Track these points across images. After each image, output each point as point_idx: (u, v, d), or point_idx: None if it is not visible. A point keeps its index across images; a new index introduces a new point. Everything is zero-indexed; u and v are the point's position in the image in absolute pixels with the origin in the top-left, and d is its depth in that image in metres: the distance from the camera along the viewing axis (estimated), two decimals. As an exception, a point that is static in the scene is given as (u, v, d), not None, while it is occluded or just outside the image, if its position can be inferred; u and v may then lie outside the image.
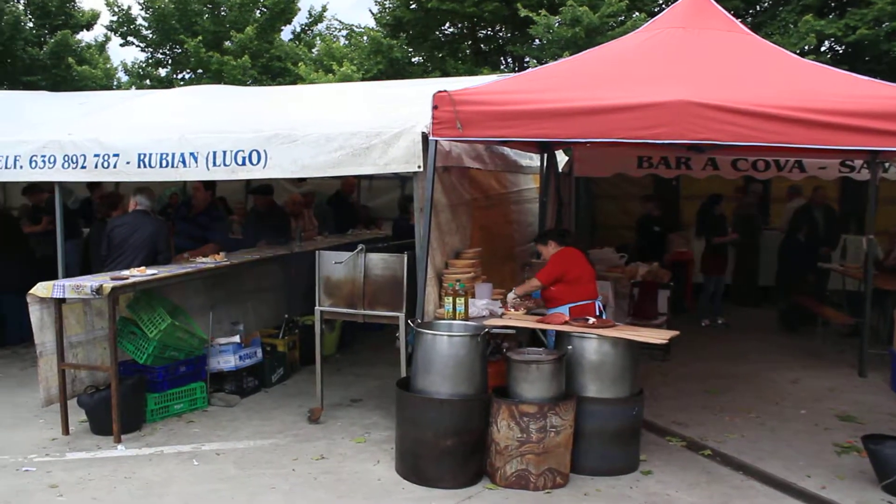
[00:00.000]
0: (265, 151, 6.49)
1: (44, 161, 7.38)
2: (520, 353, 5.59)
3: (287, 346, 8.05)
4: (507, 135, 5.79)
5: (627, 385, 5.67)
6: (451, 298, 6.13)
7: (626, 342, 5.62)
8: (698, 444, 6.22)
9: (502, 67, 19.78)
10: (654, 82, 5.48)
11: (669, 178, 10.61)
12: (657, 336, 5.85)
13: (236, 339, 7.34)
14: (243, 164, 6.56)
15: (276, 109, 7.94)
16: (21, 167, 7.45)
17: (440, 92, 5.69)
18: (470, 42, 20.48)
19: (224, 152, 6.61)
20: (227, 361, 7.23)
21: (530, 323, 6.11)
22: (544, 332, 6.04)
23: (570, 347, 5.62)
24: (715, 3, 6.54)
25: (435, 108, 5.70)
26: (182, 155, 6.75)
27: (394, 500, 5.21)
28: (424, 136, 5.97)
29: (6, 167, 7.52)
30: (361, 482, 5.48)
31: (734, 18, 6.61)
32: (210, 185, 8.65)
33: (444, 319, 6.06)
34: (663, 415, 6.83)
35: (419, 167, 6.04)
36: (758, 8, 17.99)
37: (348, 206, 11.92)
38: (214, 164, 6.64)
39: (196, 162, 6.71)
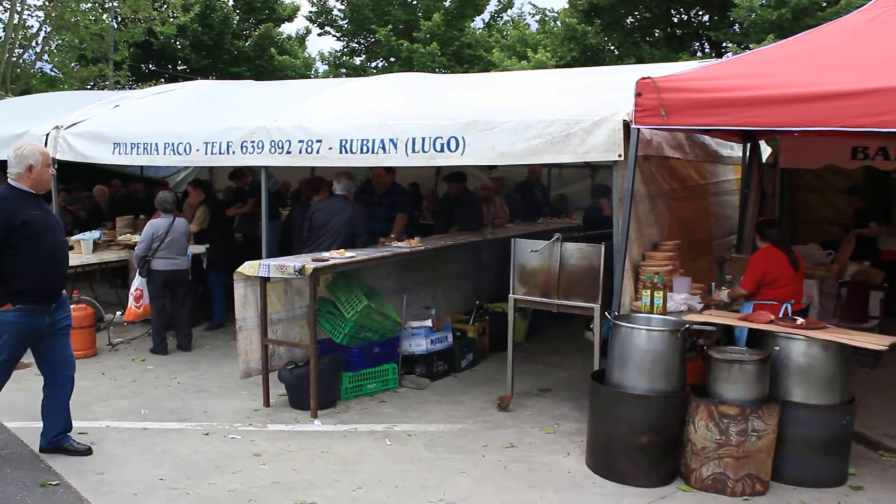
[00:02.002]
0: (463, 138, 6.52)
1: (252, 146, 7.75)
2: (721, 351, 5.34)
3: (477, 331, 8.09)
4: (713, 123, 5.51)
5: (837, 392, 5.28)
6: (648, 291, 5.94)
7: (837, 346, 5.24)
8: (917, 461, 5.74)
9: (698, 54, 19.09)
10: (881, 65, 5.05)
11: (887, 170, 9.80)
12: (874, 341, 5.40)
13: (428, 322, 7.45)
14: (442, 150, 6.62)
15: (472, 96, 7.97)
16: (233, 153, 7.87)
17: (644, 79, 5.49)
18: (665, 27, 19.89)
19: (423, 139, 6.70)
20: (418, 345, 7.35)
21: (732, 320, 5.83)
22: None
23: (776, 348, 5.31)
24: (957, -30, 5.91)
25: (638, 95, 5.50)
26: (382, 141, 6.90)
27: (584, 494, 5.13)
28: (625, 124, 5.79)
29: (220, 153, 7.97)
30: (551, 473, 5.42)
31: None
32: (391, 169, 8.87)
33: (640, 313, 5.89)
34: (874, 426, 6.33)
35: (619, 156, 5.87)
36: None
37: (534, 194, 11.87)
38: (413, 150, 6.74)
39: (395, 148, 6.83)
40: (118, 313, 9.48)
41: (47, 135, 9.70)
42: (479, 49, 22.33)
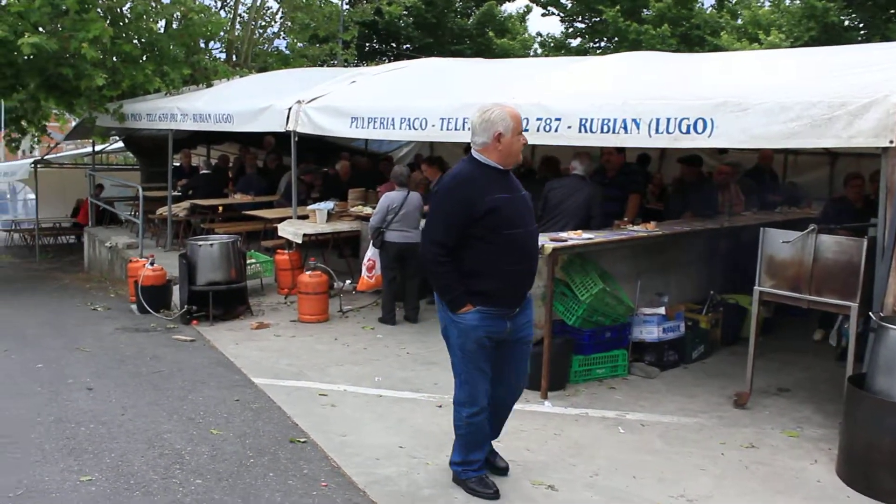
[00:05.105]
0: (711, 120, 6.19)
1: (489, 123, 7.74)
2: None
3: (710, 323, 7.74)
4: None
5: None
6: (917, 292, 5.42)
7: None
8: None
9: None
10: None
11: None
12: None
13: (661, 310, 7.20)
14: (687, 132, 6.33)
15: (715, 76, 7.58)
16: (469, 129, 7.89)
17: (927, 57, 4.98)
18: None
19: (668, 119, 6.42)
20: (649, 332, 7.13)
21: None
22: None
23: None
24: None
25: (919, 75, 5.01)
26: (624, 121, 6.68)
27: (838, 507, 4.77)
28: (900, 108, 5.29)
29: (455, 129, 8.03)
30: (798, 480, 5.07)
31: None
32: (621, 149, 8.65)
33: (906, 315, 5.39)
34: None
35: (891, 142, 5.37)
36: None
37: (764, 181, 11.25)
38: (657, 131, 6.48)
39: (637, 128, 6.60)
40: (348, 282, 9.89)
41: (290, 108, 10.21)
42: (706, 30, 21.37)
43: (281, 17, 20.16)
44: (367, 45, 28.55)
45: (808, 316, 8.09)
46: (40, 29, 12.13)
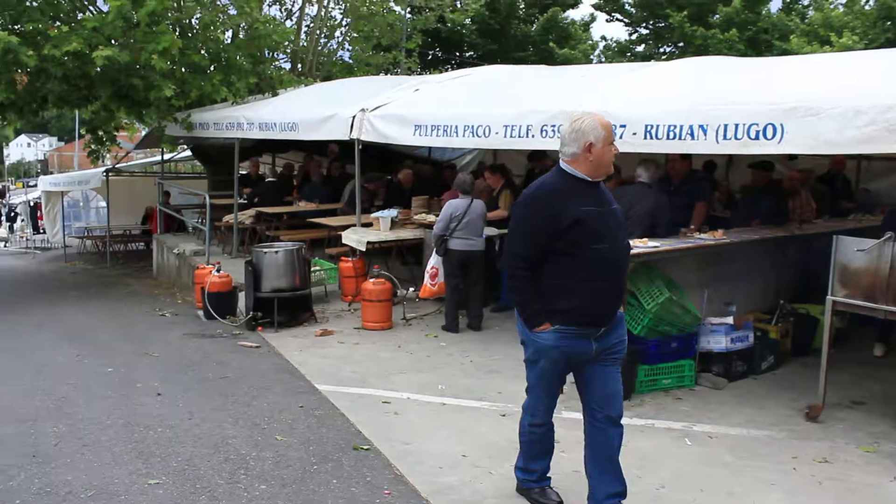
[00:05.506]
0: (782, 125, 6.05)
1: (553, 131, 7.68)
2: None
3: (780, 333, 7.55)
4: None
5: None
6: None
7: None
8: None
9: None
10: None
11: None
12: None
13: (729, 320, 7.04)
14: (756, 137, 6.20)
15: (785, 80, 7.40)
16: (532, 136, 7.89)
17: None
18: None
19: (736, 125, 6.30)
20: (717, 342, 6.98)
21: None
22: None
23: None
24: None
25: None
26: (691, 127, 6.57)
27: (919, 526, 4.60)
28: (983, 111, 5.10)
29: (519, 136, 8.03)
30: (875, 498, 4.89)
31: None
32: (686, 155, 8.50)
33: None
34: None
35: (972, 147, 5.19)
36: None
37: (836, 187, 10.96)
38: (725, 136, 6.36)
39: (705, 134, 6.49)
40: (411, 289, 9.90)
41: (354, 117, 10.29)
42: (774, 34, 20.89)
43: (345, 27, 20.36)
44: (430, 53, 28.69)
45: (873, 324, 7.85)
46: (113, 42, 12.45)
